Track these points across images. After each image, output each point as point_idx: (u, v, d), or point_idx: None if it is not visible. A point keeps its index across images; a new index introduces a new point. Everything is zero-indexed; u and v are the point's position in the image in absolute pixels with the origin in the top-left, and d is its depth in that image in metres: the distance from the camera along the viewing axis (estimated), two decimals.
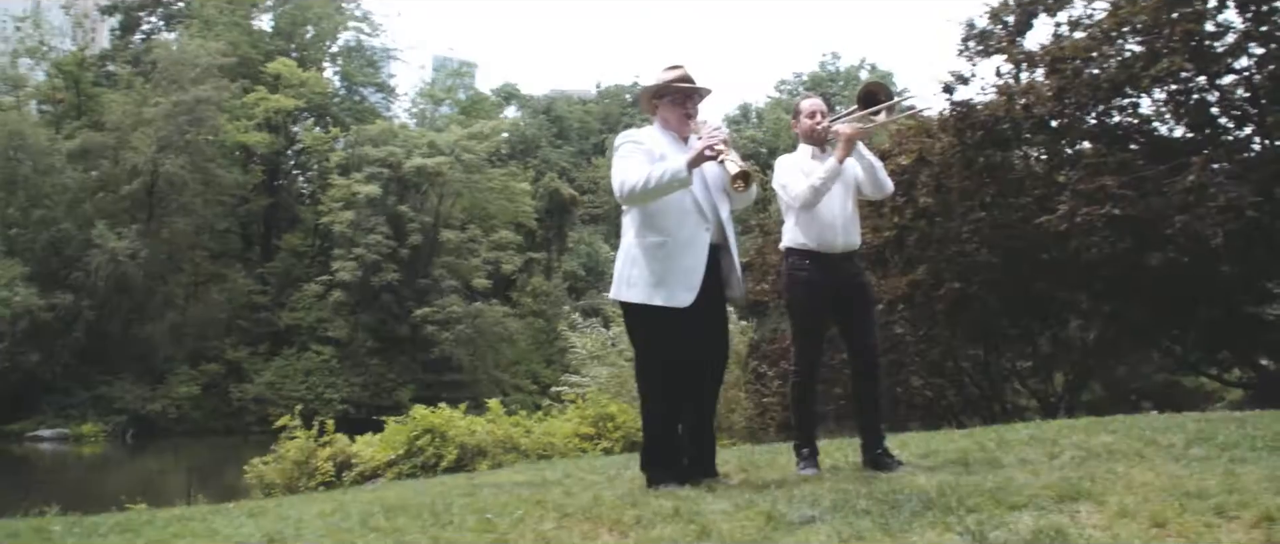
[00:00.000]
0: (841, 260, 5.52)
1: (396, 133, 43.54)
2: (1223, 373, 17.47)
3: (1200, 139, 13.73)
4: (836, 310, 5.57)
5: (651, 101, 5.27)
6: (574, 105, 60.93)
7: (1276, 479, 4.11)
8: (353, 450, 12.28)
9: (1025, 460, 5.67)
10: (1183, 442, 5.93)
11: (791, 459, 6.33)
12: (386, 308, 41.64)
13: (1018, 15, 14.34)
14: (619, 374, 18.15)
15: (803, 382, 5.68)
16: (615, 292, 5.07)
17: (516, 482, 6.65)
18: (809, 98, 5.80)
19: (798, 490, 4.50)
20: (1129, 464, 4.95)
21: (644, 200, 4.88)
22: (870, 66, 61.14)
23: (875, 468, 5.39)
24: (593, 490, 5.11)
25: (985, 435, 7.20)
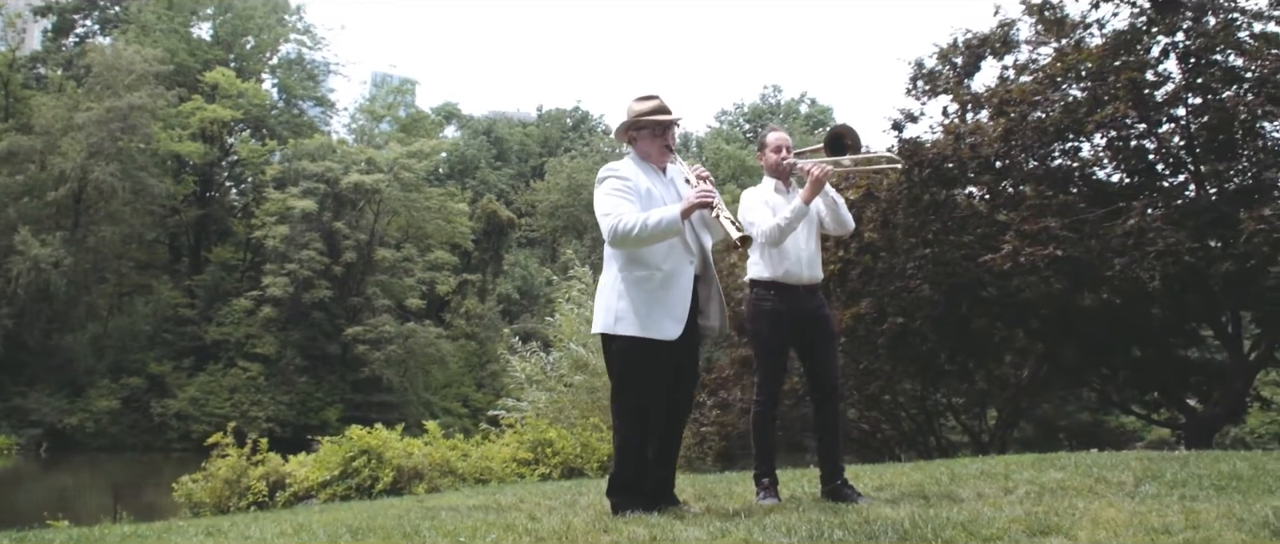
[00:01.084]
0: (805, 293, 5.59)
1: (335, 148, 43.01)
2: (1151, 413, 17.88)
3: (1137, 185, 14.10)
4: (799, 342, 5.63)
5: (629, 133, 5.25)
6: (514, 127, 60.84)
7: (1233, 516, 4.20)
8: (286, 470, 12.05)
9: (981, 494, 5.73)
10: (1132, 479, 6.03)
11: (750, 488, 6.35)
12: (317, 325, 41.02)
13: (966, 57, 14.66)
14: (557, 400, 18.10)
15: (765, 411, 5.70)
16: (602, 325, 5.05)
17: (472, 506, 6.57)
18: (776, 131, 5.84)
19: (768, 520, 4.49)
20: (1086, 500, 5.04)
21: (636, 246, 4.89)
22: (810, 100, 61.98)
23: (835, 498, 5.41)
24: (557, 515, 5.06)
25: (936, 469, 7.29)
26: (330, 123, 49.28)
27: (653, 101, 5.20)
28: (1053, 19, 13.92)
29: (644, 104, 5.19)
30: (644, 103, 5.19)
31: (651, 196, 4.98)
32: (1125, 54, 12.75)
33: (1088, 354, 15.81)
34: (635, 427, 5.05)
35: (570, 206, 50.11)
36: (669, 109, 5.22)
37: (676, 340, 4.92)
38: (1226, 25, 12.55)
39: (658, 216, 4.80)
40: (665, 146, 5.19)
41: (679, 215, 4.81)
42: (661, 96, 5.25)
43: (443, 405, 43.39)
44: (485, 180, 54.27)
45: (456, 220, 45.37)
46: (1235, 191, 12.88)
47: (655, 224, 4.79)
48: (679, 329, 4.91)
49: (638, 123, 5.17)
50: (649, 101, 5.20)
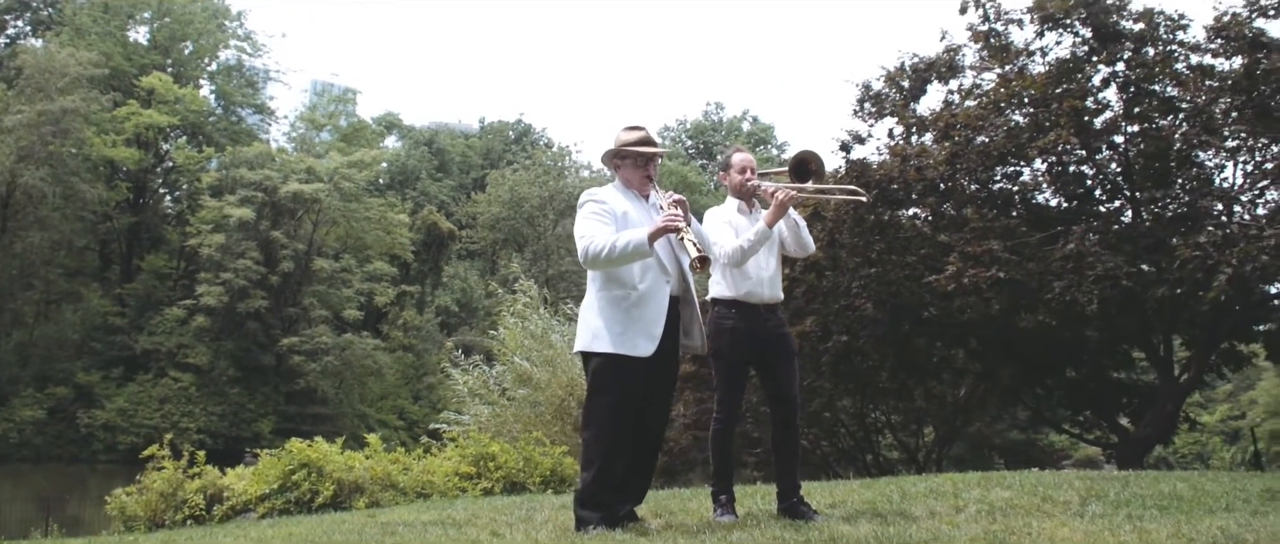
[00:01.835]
0: (766, 312, 5.65)
1: (274, 156, 42.38)
2: (1084, 432, 18.27)
3: (1075, 209, 14.43)
4: (759, 360, 5.68)
5: (613, 161, 5.41)
6: (456, 139, 60.46)
7: (1183, 535, 4.30)
8: (224, 483, 11.83)
9: (934, 512, 5.79)
10: (1077, 499, 6.13)
11: (703, 505, 6.38)
12: (252, 336, 40.35)
13: (913, 81, 14.91)
14: (500, 413, 17.98)
15: (724, 428, 5.73)
16: (582, 343, 5.17)
17: (426, 521, 6.52)
18: (741, 152, 5.91)
19: (734, 537, 4.53)
20: (1037, 519, 5.13)
21: (606, 266, 5.04)
22: (753, 118, 62.44)
23: (791, 516, 5.45)
24: (520, 531, 5.05)
25: (885, 487, 7.36)
26: (269, 130, 48.70)
27: (639, 133, 5.39)
28: (997, 46, 14.24)
29: (631, 134, 5.38)
30: (631, 133, 5.39)
31: (628, 220, 5.12)
32: (1067, 82, 13.06)
33: (1024, 374, 16.14)
34: (606, 442, 5.10)
35: (511, 219, 49.93)
36: (654, 142, 5.43)
37: (652, 358, 5.01)
38: (1165, 57, 12.91)
39: (626, 239, 4.93)
40: (646, 177, 5.35)
41: (647, 240, 4.91)
42: (648, 129, 5.46)
43: (378, 418, 42.90)
44: (426, 191, 53.86)
45: (396, 231, 44.99)
46: (1171, 218, 13.24)
47: (624, 246, 4.92)
48: (652, 347, 5.01)
49: (622, 151, 5.34)
50: (635, 132, 5.39)
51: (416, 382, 46.71)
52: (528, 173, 50.50)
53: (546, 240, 48.80)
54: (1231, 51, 12.99)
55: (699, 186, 52.73)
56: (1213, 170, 13.59)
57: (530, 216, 49.53)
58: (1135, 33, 13.27)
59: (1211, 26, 13.07)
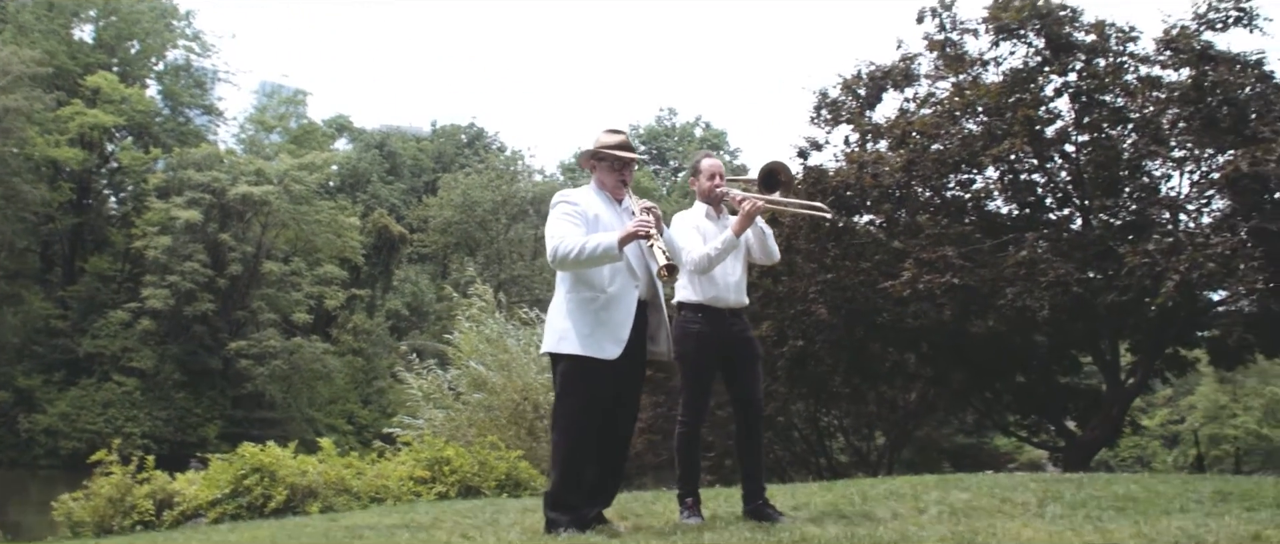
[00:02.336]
0: (731, 316, 5.72)
1: (222, 158, 41.70)
2: (1031, 436, 18.57)
3: (1026, 217, 14.68)
4: (724, 364, 5.73)
5: (590, 162, 5.44)
6: (408, 142, 59.97)
7: (1145, 536, 4.40)
8: (174, 488, 11.70)
9: (897, 514, 5.88)
10: (1035, 500, 6.24)
11: (666, 507, 6.42)
12: (198, 339, 39.70)
13: (869, 88, 15.08)
14: (454, 418, 17.89)
15: (690, 432, 5.77)
16: (549, 344, 5.20)
17: (390, 525, 6.49)
18: (710, 158, 5.94)
19: (706, 538, 4.56)
20: (999, 520, 5.22)
21: (574, 267, 5.07)
22: (705, 124, 62.69)
23: (758, 517, 5.50)
24: (492, 534, 5.05)
25: (846, 489, 7.44)
26: (218, 132, 47.91)
27: (618, 136, 5.43)
28: (953, 55, 14.44)
29: (610, 137, 5.41)
30: (611, 136, 5.42)
31: (600, 222, 5.15)
32: (1021, 92, 13.28)
33: (974, 379, 16.38)
34: (575, 445, 5.13)
35: (464, 223, 49.63)
36: (632, 148, 5.47)
37: (618, 361, 5.03)
38: (1116, 68, 13.17)
39: (595, 242, 4.97)
40: (621, 181, 5.38)
41: (617, 244, 4.95)
42: (627, 134, 5.50)
43: (327, 422, 42.43)
44: (377, 194, 53.38)
45: (347, 234, 44.53)
46: (1120, 227, 13.50)
47: (593, 249, 4.95)
48: (619, 350, 5.03)
49: (599, 154, 5.37)
50: (615, 135, 5.43)
51: (366, 386, 46.26)
52: (480, 176, 50.22)
53: (499, 245, 48.59)
54: (1180, 63, 13.29)
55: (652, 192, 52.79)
56: (1160, 179, 13.90)
57: (483, 220, 49.26)
58: (1087, 44, 13.54)
59: (1161, 39, 13.37)
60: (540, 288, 43.70)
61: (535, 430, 17.76)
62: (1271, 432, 37.41)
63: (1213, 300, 14.30)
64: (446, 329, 39.88)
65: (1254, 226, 12.02)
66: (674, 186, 52.68)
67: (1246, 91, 12.96)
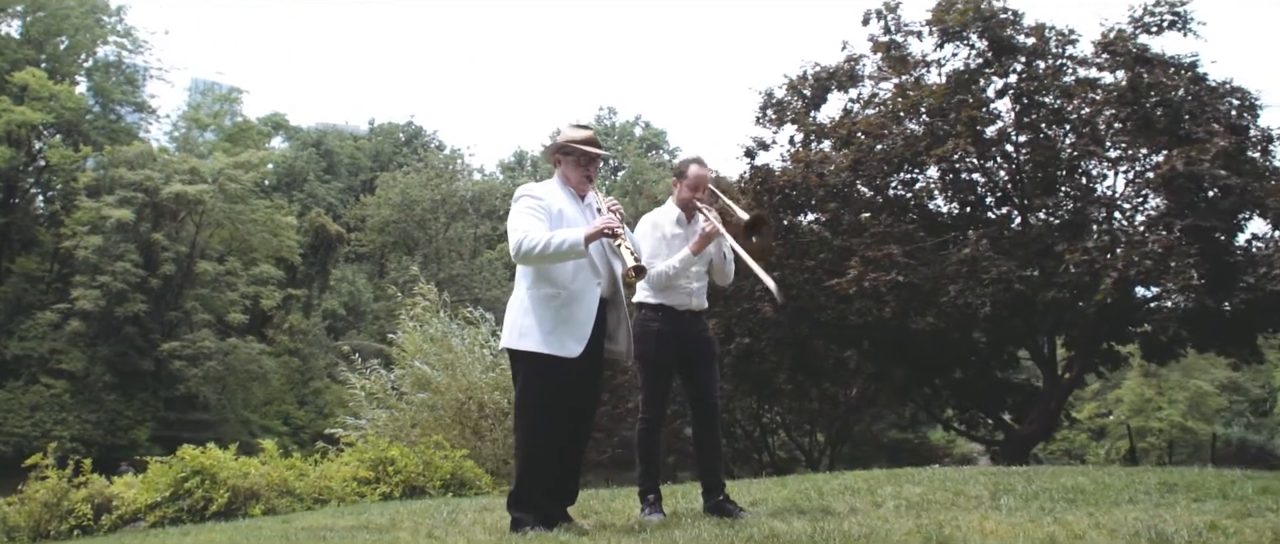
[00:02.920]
0: (690, 318, 5.76)
1: (155, 156, 40.75)
2: (970, 430, 18.89)
3: (967, 216, 14.92)
4: (682, 362, 5.76)
5: (555, 156, 5.39)
6: (345, 140, 59.20)
7: (1103, 526, 4.50)
8: (112, 492, 11.50)
9: (855, 508, 5.95)
10: (988, 493, 6.34)
11: (625, 505, 6.44)
12: (130, 340, 38.81)
13: (814, 89, 15.22)
14: (398, 418, 17.73)
15: (650, 429, 5.80)
16: (508, 340, 5.13)
17: (348, 527, 6.42)
18: (699, 168, 5.85)
19: (677, 534, 4.58)
20: (957, 512, 5.31)
21: (539, 263, 5.01)
22: (645, 123, 62.68)
23: (718, 513, 5.54)
24: (460, 534, 5.03)
25: (801, 484, 7.53)
26: (150, 129, 46.77)
27: (585, 132, 5.38)
28: (897, 56, 14.63)
29: (577, 132, 5.36)
30: (578, 131, 5.38)
31: (564, 217, 5.10)
32: (964, 93, 13.50)
33: (915, 375, 16.61)
34: (537, 443, 5.10)
35: (402, 222, 49.12)
36: (598, 144, 5.41)
37: (579, 359, 5.00)
38: (1056, 70, 13.44)
39: (562, 238, 4.91)
40: (586, 177, 5.33)
41: (583, 239, 4.90)
42: (594, 130, 5.49)
43: (262, 423, 41.76)
44: (314, 193, 52.60)
45: (283, 234, 43.78)
46: (1059, 225, 13.78)
47: (558, 244, 4.89)
48: (580, 348, 5.00)
49: (566, 148, 5.31)
50: (582, 131, 5.38)
51: (302, 387, 45.60)
52: (419, 175, 49.70)
53: (438, 244, 48.19)
54: (1116, 65, 13.61)
55: None
56: (1097, 179, 14.22)
57: (421, 220, 48.78)
58: (1028, 47, 13.82)
59: (1099, 41, 13.68)
60: (480, 287, 43.41)
61: (480, 430, 17.67)
62: (1195, 424, 38.41)
63: (1145, 297, 14.66)
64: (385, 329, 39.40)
65: (1188, 225, 12.35)
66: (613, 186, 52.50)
67: (1180, 93, 13.31)
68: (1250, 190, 12.60)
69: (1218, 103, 13.48)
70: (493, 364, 18.60)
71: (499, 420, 17.95)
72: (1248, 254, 13.13)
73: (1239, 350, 14.96)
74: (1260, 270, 12.12)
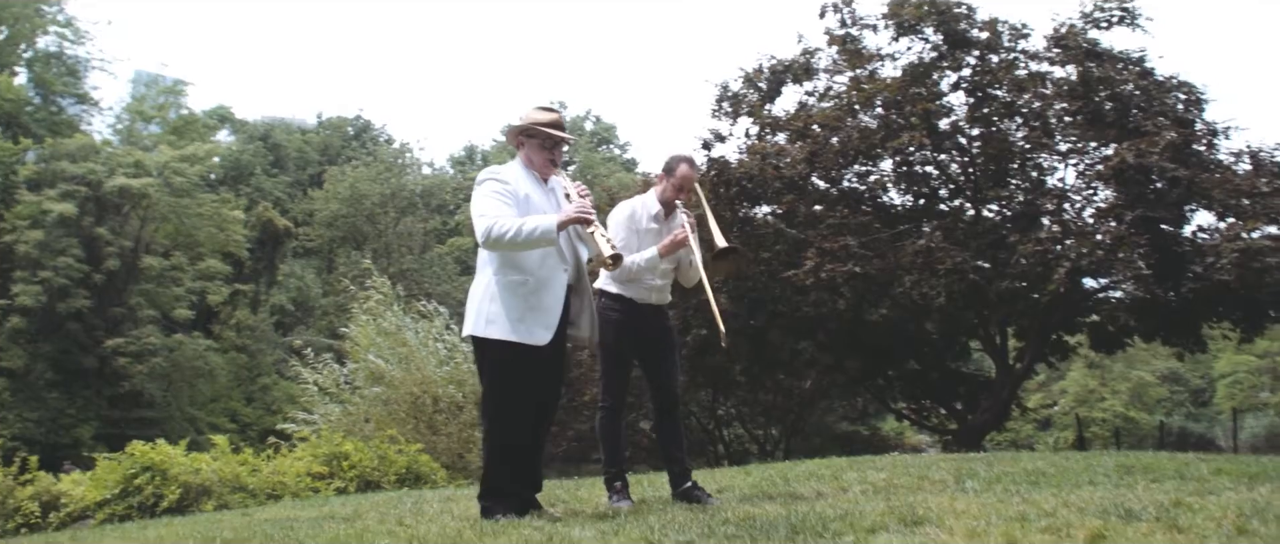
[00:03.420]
0: (652, 312, 5.76)
1: (98, 149, 39.94)
2: (923, 419, 19.12)
3: (921, 208, 15.09)
4: (642, 352, 5.77)
5: (519, 138, 5.29)
6: (293, 134, 58.40)
7: (1072, 505, 4.57)
8: (60, 490, 11.36)
9: (821, 493, 6.00)
10: (951, 477, 6.42)
11: (591, 493, 6.45)
12: (72, 337, 38.04)
13: (769, 82, 15.30)
14: (351, 412, 17.60)
15: (611, 415, 5.80)
16: (474, 328, 5.04)
17: (314, 518, 6.36)
18: (687, 166, 5.80)
19: (651, 520, 4.59)
20: (925, 495, 5.37)
21: (509, 250, 4.93)
22: (595, 117, 62.60)
23: (687, 500, 5.55)
24: (432, 523, 5.00)
25: (766, 472, 7.57)
26: (93, 122, 45.80)
27: (551, 114, 5.31)
28: (853, 49, 14.75)
29: (542, 114, 5.28)
30: (543, 113, 5.30)
31: (530, 202, 5.03)
32: (919, 86, 13.65)
33: (869, 366, 16.77)
34: (506, 431, 5.08)
35: (351, 217, 48.60)
36: (564, 127, 5.34)
37: (546, 346, 4.97)
38: (1009, 63, 13.63)
39: (533, 224, 4.84)
40: (550, 160, 5.26)
41: (555, 226, 4.85)
42: (560, 113, 5.40)
43: (209, 420, 41.10)
44: (261, 187, 51.80)
45: (230, 228, 43.05)
46: (1012, 217, 13.98)
47: (530, 231, 4.83)
48: (549, 335, 4.97)
49: (531, 130, 5.23)
50: (548, 114, 5.31)
51: (250, 383, 44.98)
52: (368, 169, 49.16)
53: (388, 238, 47.75)
54: (1068, 60, 13.84)
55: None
56: (1047, 171, 14.45)
57: (371, 214, 48.28)
58: (982, 40, 14.00)
59: (1050, 36, 13.90)
60: (430, 282, 43.09)
61: (435, 424, 17.59)
62: (1137, 414, 39.24)
63: (1094, 288, 14.93)
64: (335, 325, 38.98)
65: (1138, 216, 12.59)
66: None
67: (1129, 87, 13.57)
68: (1198, 182, 12.89)
69: (1165, 97, 13.78)
70: (447, 358, 18.52)
71: (453, 415, 17.89)
72: (1195, 245, 13.43)
73: (1184, 340, 15.29)
74: (1208, 260, 12.40)
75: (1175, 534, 3.84)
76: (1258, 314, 14.14)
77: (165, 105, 48.19)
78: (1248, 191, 12.91)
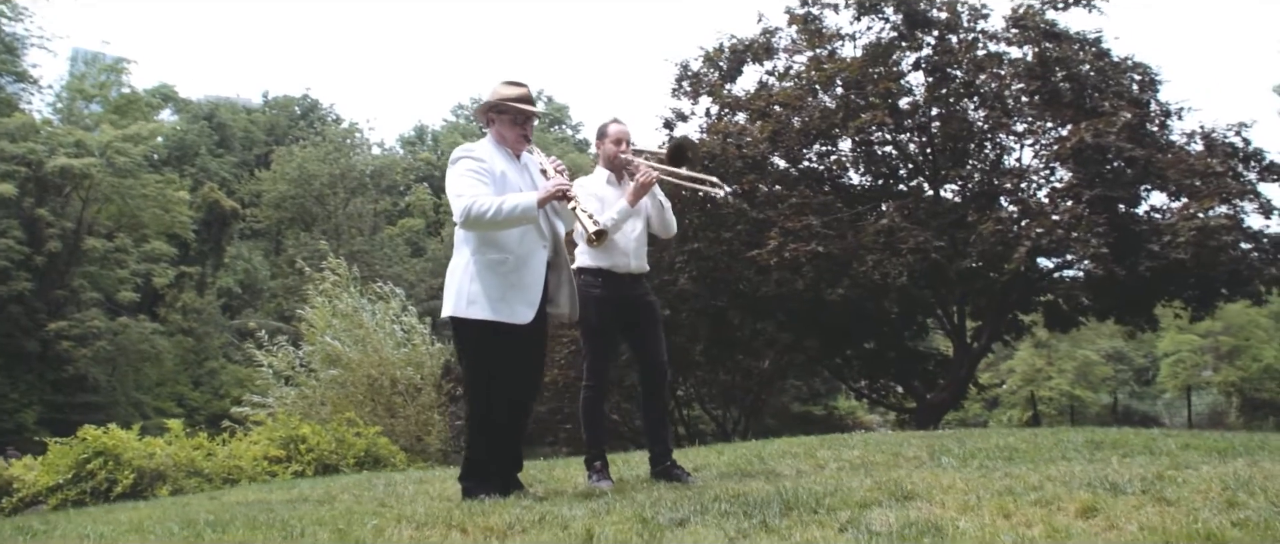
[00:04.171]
0: (631, 281, 5.70)
1: (38, 128, 39.09)
2: (882, 398, 19.29)
3: (879, 188, 15.17)
4: (626, 328, 5.72)
5: (488, 115, 5.21)
6: (238, 114, 57.53)
7: (1055, 479, 4.58)
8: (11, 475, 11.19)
9: (801, 471, 6.00)
10: (926, 454, 6.47)
11: (568, 474, 6.41)
12: (14, 320, 37.24)
13: (730, 61, 15.27)
14: (308, 395, 17.44)
15: (594, 396, 5.76)
16: (455, 308, 4.96)
17: (285, 500, 6.27)
18: (617, 123, 5.85)
19: (641, 497, 4.56)
20: (904, 471, 5.39)
21: (489, 229, 4.87)
22: (548, 98, 62.32)
23: (666, 478, 5.54)
24: (418, 504, 4.94)
25: (742, 450, 7.59)
26: (32, 101, 44.72)
27: (520, 89, 5.21)
28: (814, 29, 14.75)
29: (511, 89, 5.19)
30: (511, 88, 5.20)
31: (506, 180, 4.98)
32: (879, 66, 13.69)
33: (827, 345, 16.86)
34: (487, 411, 5.04)
35: (300, 198, 47.98)
36: (533, 101, 5.25)
37: (527, 325, 4.93)
38: (969, 44, 13.72)
39: (514, 202, 4.80)
40: (522, 135, 5.19)
41: (535, 203, 4.83)
42: (528, 87, 5.27)
43: (155, 405, 40.48)
44: (206, 168, 50.99)
45: (175, 209, 42.28)
46: (971, 196, 14.10)
47: (510, 209, 4.78)
48: (532, 313, 4.94)
49: (500, 106, 5.14)
50: (516, 88, 5.21)
51: (197, 367, 44.35)
52: (317, 149, 48.55)
53: (337, 219, 47.21)
54: (1026, 40, 13.96)
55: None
56: (1004, 151, 14.59)
57: (320, 195, 47.71)
58: (941, 21, 14.07)
59: (1009, 17, 14.01)
60: (381, 263, 42.70)
61: (393, 407, 17.49)
62: (1083, 392, 39.95)
63: (1049, 267, 15.12)
64: (283, 308, 38.45)
65: (1096, 195, 12.75)
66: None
67: (1086, 68, 13.71)
68: (1153, 162, 13.07)
69: (1121, 77, 13.96)
70: (404, 340, 18.42)
71: (411, 397, 17.81)
72: (1151, 224, 13.62)
73: (1137, 319, 15.54)
74: (1165, 239, 12.59)
75: (1164, 507, 3.86)
76: (1210, 293, 14.41)
77: (106, 84, 47.16)
78: (1201, 172, 13.13)
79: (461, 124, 61.71)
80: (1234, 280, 13.71)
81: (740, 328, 16.39)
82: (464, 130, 59.87)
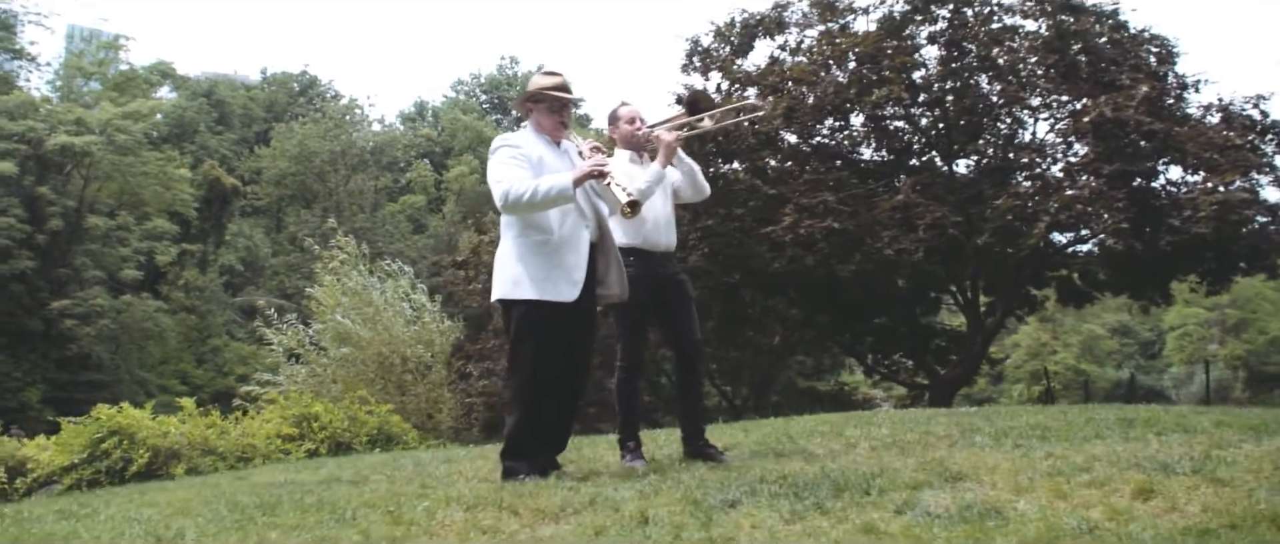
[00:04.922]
0: (662, 258, 5.69)
1: (38, 106, 38.93)
2: (895, 374, 19.26)
3: (892, 163, 15.08)
4: (658, 307, 5.69)
5: (526, 104, 5.35)
6: (237, 90, 57.25)
7: (1101, 459, 4.51)
8: (25, 454, 11.19)
9: (834, 450, 5.95)
10: (958, 432, 6.39)
11: (595, 454, 6.38)
12: (16, 299, 37.20)
13: (741, 36, 15.14)
14: (319, 373, 17.42)
15: (629, 376, 5.74)
16: (501, 291, 5.09)
17: (315, 481, 6.23)
18: (626, 105, 5.88)
19: (686, 476, 4.54)
20: (942, 450, 5.34)
21: (527, 211, 4.98)
22: None
23: (699, 457, 5.54)
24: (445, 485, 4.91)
25: (766, 429, 7.54)
26: (31, 78, 44.46)
27: (556, 78, 5.32)
28: (826, 2, 14.63)
29: (547, 79, 5.32)
30: (548, 78, 5.33)
31: (544, 165, 5.06)
32: (894, 39, 13.57)
33: (840, 321, 16.81)
34: (530, 391, 5.08)
35: (300, 174, 47.80)
36: (569, 89, 5.34)
37: (574, 304, 4.98)
38: (985, 17, 13.60)
39: (549, 183, 4.88)
40: (560, 122, 5.30)
41: (571, 183, 4.88)
42: (564, 75, 5.38)
43: (159, 383, 40.52)
44: (206, 145, 50.78)
45: (176, 186, 42.14)
46: (987, 171, 14.01)
47: (547, 190, 4.86)
48: (576, 292, 5.00)
49: (538, 95, 5.28)
50: (552, 77, 5.33)
51: (200, 345, 44.34)
52: (317, 126, 48.32)
53: (339, 196, 47.06)
54: (1042, 13, 13.83)
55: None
56: (1021, 126, 14.48)
57: (320, 172, 47.54)
58: None
59: None
60: (382, 240, 42.60)
61: (403, 385, 17.49)
62: (1088, 367, 39.93)
63: (1063, 242, 15.06)
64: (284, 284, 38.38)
65: (1116, 170, 12.66)
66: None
67: (1103, 41, 13.60)
68: (1171, 136, 12.98)
69: (1138, 50, 13.86)
70: (413, 318, 18.39)
71: (421, 375, 17.81)
72: (1171, 198, 13.55)
73: (1152, 294, 15.49)
74: (1186, 213, 12.50)
75: (1218, 487, 3.83)
76: (1228, 267, 14.37)
77: (105, 61, 46.95)
78: (1219, 145, 13.04)
79: (461, 99, 61.49)
80: (1254, 255, 13.68)
81: (752, 304, 16.34)
82: (464, 106, 59.67)
